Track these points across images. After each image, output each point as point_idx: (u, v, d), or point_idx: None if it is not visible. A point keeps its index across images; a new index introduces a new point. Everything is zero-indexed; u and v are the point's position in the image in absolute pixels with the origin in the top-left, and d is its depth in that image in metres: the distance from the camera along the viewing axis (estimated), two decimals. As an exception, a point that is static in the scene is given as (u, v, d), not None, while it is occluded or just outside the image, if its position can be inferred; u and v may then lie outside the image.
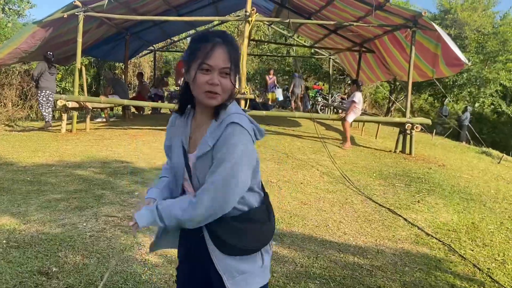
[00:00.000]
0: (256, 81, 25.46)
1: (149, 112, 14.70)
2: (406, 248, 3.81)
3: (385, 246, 3.83)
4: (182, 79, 1.60)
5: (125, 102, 10.07)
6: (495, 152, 11.33)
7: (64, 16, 8.21)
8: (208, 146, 1.46)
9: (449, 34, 13.13)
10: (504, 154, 10.85)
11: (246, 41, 8.37)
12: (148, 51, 17.27)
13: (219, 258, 1.53)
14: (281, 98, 16.38)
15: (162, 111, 13.95)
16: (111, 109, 12.26)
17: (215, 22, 18.20)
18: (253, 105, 13.00)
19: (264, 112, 8.75)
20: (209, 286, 1.62)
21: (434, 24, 7.77)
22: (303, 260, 3.48)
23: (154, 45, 16.73)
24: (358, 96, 8.52)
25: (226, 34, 1.49)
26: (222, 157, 1.41)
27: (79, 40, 8.47)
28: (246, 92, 8.29)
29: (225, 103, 1.48)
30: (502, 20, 19.18)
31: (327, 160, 6.96)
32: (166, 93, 14.49)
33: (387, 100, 21.44)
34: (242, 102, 8.27)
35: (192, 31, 17.84)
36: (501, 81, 17.63)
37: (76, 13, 8.30)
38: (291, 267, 3.31)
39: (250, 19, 8.17)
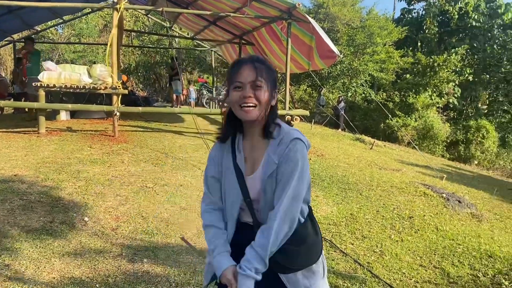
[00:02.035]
0: (139, 73, 24.19)
1: (12, 111, 12.82)
2: (288, 249, 3.64)
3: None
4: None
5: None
6: (367, 139, 12.16)
7: None
8: (274, 164, 1.51)
9: (323, 28, 13.73)
10: (376, 140, 11.69)
11: (115, 30, 7.58)
12: (7, 42, 15.13)
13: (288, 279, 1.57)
14: (192, 95, 15.79)
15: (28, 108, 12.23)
16: (-42, 110, 10.37)
17: (86, 11, 16.67)
18: (133, 99, 12.10)
19: (140, 109, 8.07)
20: None
21: (308, 16, 7.87)
22: (178, 277, 3.09)
23: (12, 36, 14.69)
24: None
25: (254, 56, 1.62)
26: (289, 174, 1.48)
27: None
28: (118, 86, 7.53)
29: (273, 120, 1.57)
30: (368, 15, 20.83)
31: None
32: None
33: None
34: (114, 98, 7.49)
35: (59, 21, 16.10)
36: (369, 72, 19.17)
37: None
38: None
39: (118, 6, 7.41)
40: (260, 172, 1.55)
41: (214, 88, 17.33)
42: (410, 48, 22.48)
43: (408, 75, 21.06)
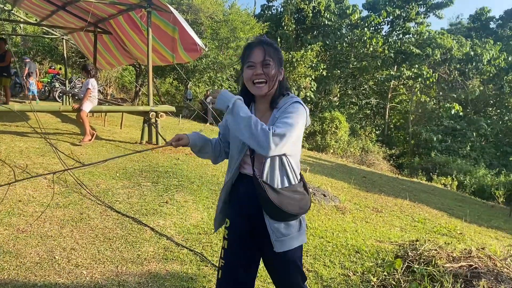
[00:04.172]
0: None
1: None
2: (153, 270, 3.18)
3: (129, 274, 3.10)
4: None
5: None
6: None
7: None
8: (275, 118, 1.82)
9: (186, 19, 13.28)
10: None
11: None
12: None
13: (270, 222, 1.87)
14: (33, 88, 13.67)
15: None
16: None
17: None
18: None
19: (-34, 107, 6.59)
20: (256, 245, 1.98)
21: (169, 5, 7.36)
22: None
23: None
24: (92, 83, 7.44)
25: (263, 37, 1.92)
26: (282, 117, 1.77)
27: None
28: None
29: (278, 93, 1.91)
30: (231, 9, 20.96)
31: (59, 163, 5.70)
32: None
33: (135, 85, 20.73)
34: None
35: None
36: (234, 66, 19.33)
37: None
38: None
39: None
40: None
41: (67, 80, 15.55)
42: (271, 44, 23.34)
43: (270, 70, 21.83)
